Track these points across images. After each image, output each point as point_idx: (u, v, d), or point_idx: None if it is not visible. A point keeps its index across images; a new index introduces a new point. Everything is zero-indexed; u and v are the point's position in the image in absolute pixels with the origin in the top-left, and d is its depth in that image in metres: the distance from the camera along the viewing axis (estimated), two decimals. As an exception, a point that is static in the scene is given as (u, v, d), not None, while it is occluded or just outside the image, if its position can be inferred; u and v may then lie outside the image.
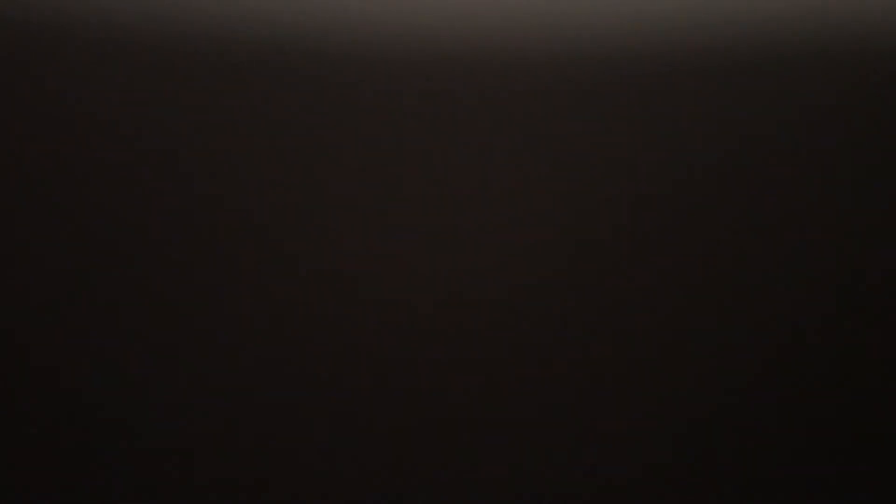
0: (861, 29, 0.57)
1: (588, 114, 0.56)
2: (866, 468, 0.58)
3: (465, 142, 0.56)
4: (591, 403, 0.57)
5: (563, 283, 0.57)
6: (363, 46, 0.56)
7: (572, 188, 0.56)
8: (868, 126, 0.57)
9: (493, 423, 0.57)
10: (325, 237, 0.56)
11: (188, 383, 0.57)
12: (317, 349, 0.57)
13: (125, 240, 0.57)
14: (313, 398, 0.57)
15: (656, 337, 0.57)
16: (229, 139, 0.56)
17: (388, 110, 0.56)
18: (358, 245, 0.56)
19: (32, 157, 0.57)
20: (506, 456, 0.57)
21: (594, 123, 0.56)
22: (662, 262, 0.57)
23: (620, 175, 0.56)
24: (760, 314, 0.57)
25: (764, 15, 0.57)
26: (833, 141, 0.57)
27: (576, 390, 0.57)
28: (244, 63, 0.56)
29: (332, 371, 0.57)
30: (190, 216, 0.56)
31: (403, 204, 0.56)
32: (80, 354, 0.57)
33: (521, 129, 0.56)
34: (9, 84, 0.57)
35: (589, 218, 0.56)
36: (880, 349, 0.58)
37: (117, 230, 0.57)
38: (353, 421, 0.57)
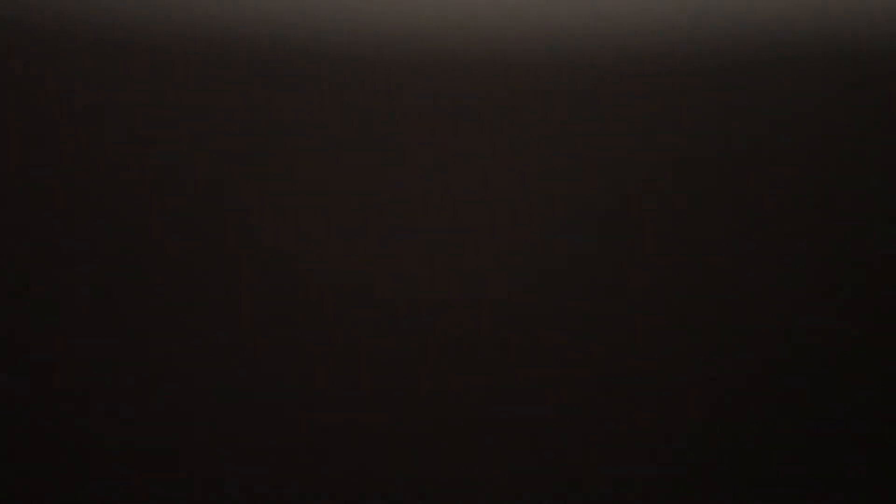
0: (861, 29, 0.57)
1: (588, 114, 0.56)
2: (866, 468, 0.58)
3: (465, 142, 0.56)
4: (592, 404, 0.57)
5: (563, 283, 0.57)
6: (363, 46, 0.56)
7: (573, 188, 0.56)
8: (868, 126, 0.57)
9: (494, 423, 0.57)
10: (324, 237, 0.56)
11: (189, 383, 0.57)
12: (317, 349, 0.57)
13: (125, 240, 0.57)
14: (313, 398, 0.57)
15: (657, 337, 0.57)
16: (229, 139, 0.56)
17: (388, 110, 0.56)
18: (357, 245, 0.56)
19: (32, 157, 0.57)
20: (506, 456, 0.57)
21: (594, 123, 0.56)
22: (663, 262, 0.57)
23: (621, 175, 0.56)
24: (761, 314, 0.57)
25: (764, 15, 0.57)
26: (833, 141, 0.57)
27: (576, 390, 0.57)
28: (244, 63, 0.56)
29: (332, 371, 0.57)
30: (189, 216, 0.57)
31: (403, 204, 0.56)
32: (80, 354, 0.57)
33: (522, 129, 0.56)
34: (9, 84, 0.57)
35: (589, 218, 0.56)
36: (880, 349, 0.58)
37: (117, 230, 0.57)
38: (354, 421, 0.57)
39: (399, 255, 0.56)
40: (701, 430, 0.57)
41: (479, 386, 0.57)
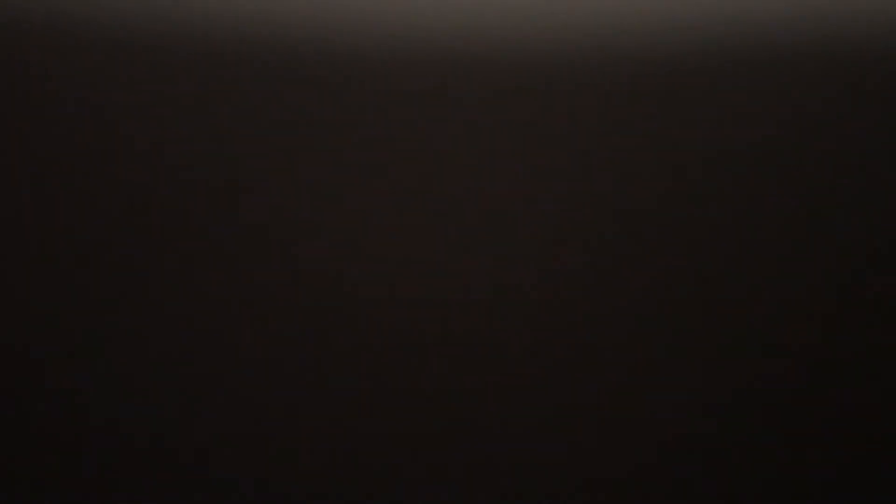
0: (861, 29, 0.57)
1: (588, 114, 0.56)
2: (866, 468, 0.58)
3: (466, 142, 0.56)
4: (592, 403, 0.57)
5: (563, 283, 0.57)
6: (363, 46, 0.56)
7: (572, 188, 0.56)
8: (868, 126, 0.57)
9: (494, 423, 0.57)
10: (324, 237, 0.56)
11: (189, 383, 0.57)
12: (317, 349, 0.57)
13: (125, 240, 0.57)
14: (314, 398, 0.57)
15: (657, 337, 0.57)
16: (229, 140, 0.56)
17: (388, 110, 0.56)
18: (357, 245, 0.56)
19: (33, 158, 0.57)
20: (506, 456, 0.57)
21: (594, 123, 0.56)
22: (663, 262, 0.57)
23: (621, 175, 0.56)
24: (761, 314, 0.57)
25: (764, 15, 0.57)
26: (833, 141, 0.57)
27: (576, 390, 0.57)
28: (244, 64, 0.56)
29: (332, 371, 0.57)
30: (189, 216, 0.57)
31: (403, 204, 0.56)
32: (80, 354, 0.57)
33: (522, 129, 0.56)
34: (9, 84, 0.57)
35: (589, 218, 0.56)
36: (881, 349, 0.58)
37: (117, 231, 0.57)
38: (354, 421, 0.57)
39: (399, 254, 0.56)
40: (701, 430, 0.57)
41: (479, 386, 0.57)
